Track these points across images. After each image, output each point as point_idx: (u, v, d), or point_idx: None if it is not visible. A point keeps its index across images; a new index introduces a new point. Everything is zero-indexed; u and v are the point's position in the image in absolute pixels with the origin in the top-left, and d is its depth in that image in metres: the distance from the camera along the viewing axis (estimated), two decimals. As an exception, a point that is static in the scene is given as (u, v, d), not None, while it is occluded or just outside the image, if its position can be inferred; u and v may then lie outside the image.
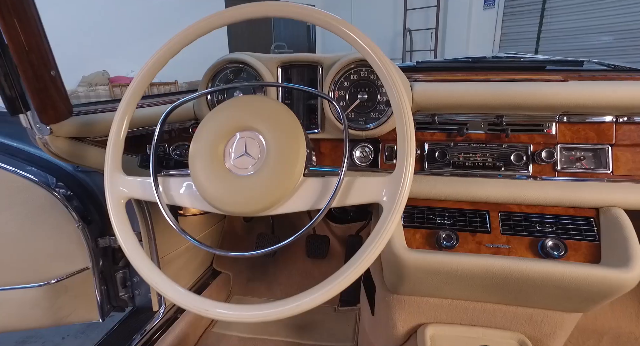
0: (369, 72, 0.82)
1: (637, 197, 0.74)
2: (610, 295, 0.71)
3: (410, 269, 0.75)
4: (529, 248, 0.76)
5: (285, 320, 1.30)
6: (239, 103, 0.61)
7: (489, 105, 0.78)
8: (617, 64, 0.98)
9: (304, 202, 0.58)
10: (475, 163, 0.82)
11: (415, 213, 0.82)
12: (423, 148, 0.84)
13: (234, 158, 0.59)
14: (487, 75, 0.85)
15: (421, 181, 0.82)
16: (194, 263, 1.32)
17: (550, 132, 0.80)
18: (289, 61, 0.87)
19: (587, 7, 4.76)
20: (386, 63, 0.55)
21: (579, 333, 1.17)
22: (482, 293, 0.80)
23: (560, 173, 0.79)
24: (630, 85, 0.73)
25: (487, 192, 0.79)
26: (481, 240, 0.78)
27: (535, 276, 0.71)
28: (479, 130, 0.82)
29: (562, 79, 0.79)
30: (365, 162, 0.88)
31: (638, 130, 0.76)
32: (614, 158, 0.78)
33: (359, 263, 0.52)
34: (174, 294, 0.56)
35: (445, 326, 0.87)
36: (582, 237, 0.75)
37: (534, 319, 0.84)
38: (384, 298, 0.91)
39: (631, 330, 1.17)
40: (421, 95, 0.80)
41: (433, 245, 0.78)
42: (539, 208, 0.79)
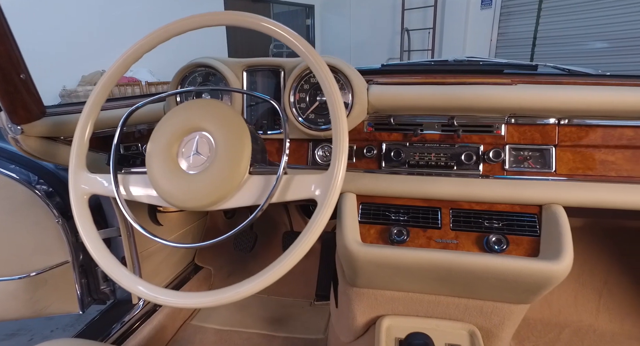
0: None
1: (575, 194, 0.78)
2: (546, 286, 0.75)
3: (362, 263, 0.80)
4: (476, 243, 0.80)
5: (262, 314, 1.35)
6: (193, 106, 0.66)
7: (441, 107, 0.82)
8: (572, 69, 1.01)
9: (248, 197, 0.63)
10: (429, 162, 0.86)
11: (372, 210, 0.87)
12: (380, 148, 0.88)
13: (186, 157, 0.64)
14: (445, 78, 0.89)
15: (378, 179, 0.86)
16: (174, 258, 1.38)
17: (499, 133, 0.84)
18: (253, 65, 0.91)
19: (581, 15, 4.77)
20: (324, 68, 0.59)
21: (543, 326, 1.21)
22: (433, 285, 0.85)
23: (508, 172, 0.83)
24: (571, 90, 0.77)
25: (440, 189, 0.83)
26: (431, 236, 0.82)
27: (477, 269, 0.75)
28: (433, 130, 0.86)
29: (511, 83, 0.83)
30: (327, 161, 0.92)
31: (577, 132, 0.80)
32: (557, 158, 0.82)
33: (292, 254, 0.56)
34: (130, 283, 0.61)
35: (402, 317, 0.92)
36: (524, 233, 0.79)
37: (484, 310, 0.88)
38: (345, 291, 0.96)
39: (591, 323, 1.21)
40: (376, 97, 0.84)
41: (386, 240, 0.83)
42: (488, 205, 0.83)
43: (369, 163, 0.89)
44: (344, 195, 0.87)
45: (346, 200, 0.86)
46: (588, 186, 0.78)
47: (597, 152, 0.80)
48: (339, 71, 0.84)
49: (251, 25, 0.60)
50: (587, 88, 0.78)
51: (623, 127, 0.79)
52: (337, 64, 0.83)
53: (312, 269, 1.49)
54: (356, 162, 0.90)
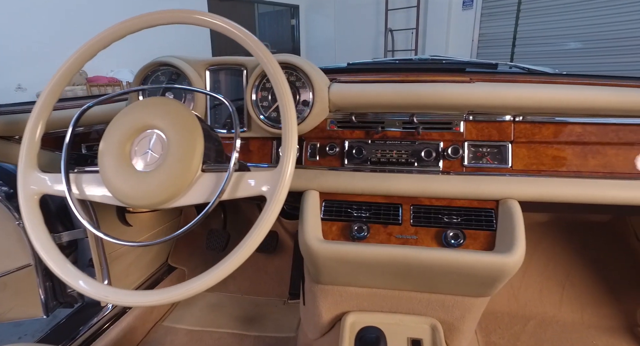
0: (289, 74, 0.87)
1: (529, 189, 0.80)
2: (500, 278, 0.77)
3: (323, 259, 0.81)
4: (435, 238, 0.81)
5: (234, 313, 1.34)
6: (146, 105, 0.66)
7: (401, 105, 0.84)
8: (531, 68, 1.04)
9: (200, 195, 0.63)
10: (390, 159, 0.88)
11: (334, 207, 0.87)
12: (343, 146, 0.89)
13: (139, 155, 0.63)
14: (407, 77, 0.91)
15: (340, 176, 0.87)
16: (146, 258, 1.36)
17: (458, 129, 0.85)
18: (216, 64, 0.91)
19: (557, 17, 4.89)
20: (275, 67, 0.60)
21: (509, 318, 1.24)
22: (395, 281, 0.86)
23: (467, 168, 0.85)
24: (524, 87, 0.79)
25: (401, 186, 0.84)
26: (392, 232, 0.83)
27: (435, 263, 0.77)
28: (394, 128, 0.88)
29: (470, 81, 0.85)
30: None
31: (531, 129, 0.83)
32: (513, 154, 0.84)
33: (241, 251, 0.57)
34: (71, 279, 0.60)
35: (366, 313, 0.93)
36: (482, 227, 0.81)
37: (446, 304, 0.90)
38: (310, 288, 0.97)
39: (554, 314, 1.24)
40: (337, 95, 0.85)
41: (347, 236, 0.84)
42: (447, 201, 0.84)
43: (332, 160, 0.90)
44: (307, 192, 0.88)
45: (309, 197, 0.87)
46: (541, 181, 0.80)
47: (549, 148, 0.83)
48: (300, 69, 0.84)
49: (200, 22, 0.60)
50: (539, 86, 0.80)
51: (573, 123, 0.81)
52: (298, 62, 0.84)
53: (286, 268, 1.49)
54: (320, 159, 0.90)
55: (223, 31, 0.60)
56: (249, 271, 1.51)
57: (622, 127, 0.79)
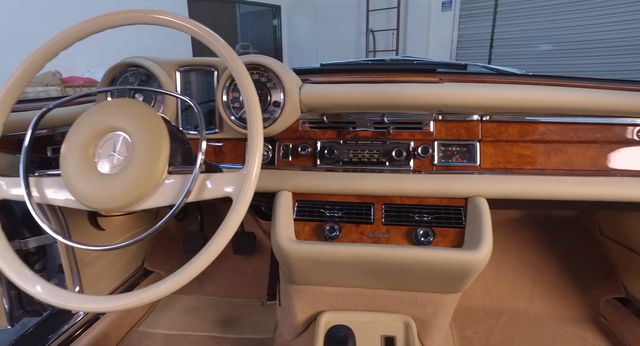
0: (260, 75, 0.87)
1: (496, 187, 0.82)
2: (469, 274, 0.79)
3: (295, 260, 0.81)
4: (406, 236, 0.83)
5: (212, 316, 1.33)
6: (109, 106, 0.64)
7: (372, 105, 0.85)
8: (500, 69, 1.07)
9: (166, 197, 0.62)
10: (362, 159, 0.88)
11: (307, 207, 0.88)
12: (315, 146, 0.90)
13: (103, 158, 0.62)
14: (379, 77, 0.92)
15: (312, 177, 0.87)
16: (121, 262, 1.33)
17: (428, 129, 0.87)
18: (186, 65, 0.90)
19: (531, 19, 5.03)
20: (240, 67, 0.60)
21: (483, 313, 1.27)
22: (368, 279, 0.87)
23: (437, 167, 0.86)
24: (491, 88, 0.81)
25: (373, 185, 0.85)
26: (364, 231, 0.84)
27: (405, 261, 0.78)
28: (366, 128, 0.88)
29: (439, 81, 0.86)
30: (264, 160, 0.92)
31: (498, 128, 0.85)
32: (481, 153, 0.86)
33: (207, 253, 0.56)
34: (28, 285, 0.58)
35: (341, 312, 0.94)
36: (451, 225, 0.83)
37: (419, 301, 0.91)
38: (285, 289, 0.97)
39: (526, 308, 1.28)
40: (308, 96, 0.85)
41: (320, 236, 0.84)
42: (418, 200, 0.86)
43: (305, 161, 0.90)
44: (280, 193, 0.88)
45: (281, 198, 0.87)
46: (507, 179, 0.83)
47: (515, 147, 0.85)
48: (270, 70, 0.84)
49: (161, 22, 0.59)
50: (505, 86, 0.82)
51: (536, 123, 0.84)
52: (268, 62, 0.84)
53: (265, 269, 1.49)
54: (292, 160, 0.90)
55: (186, 31, 0.60)
56: (228, 273, 1.50)
57: (581, 126, 0.82)
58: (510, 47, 5.38)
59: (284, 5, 7.49)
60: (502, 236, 1.43)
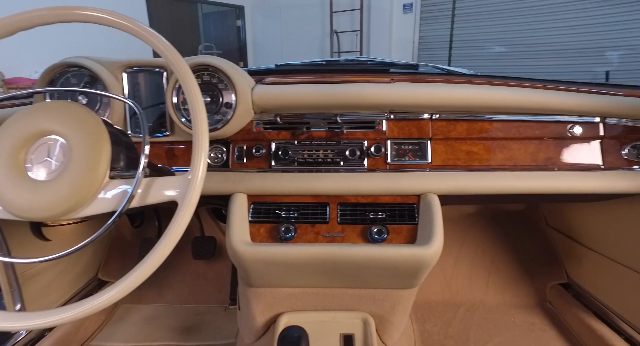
0: (211, 76, 0.85)
1: (447, 183, 0.85)
2: (422, 269, 0.81)
3: (250, 262, 0.80)
4: (361, 235, 0.84)
5: (172, 324, 1.29)
6: (43, 109, 0.61)
7: (324, 105, 0.85)
8: (450, 69, 1.11)
9: (108, 203, 0.59)
10: (316, 159, 0.89)
11: (263, 209, 0.87)
12: (270, 147, 0.89)
13: (37, 164, 0.58)
14: (333, 77, 0.92)
15: (267, 178, 0.87)
16: (71, 274, 1.27)
17: (381, 128, 0.88)
18: (133, 66, 0.87)
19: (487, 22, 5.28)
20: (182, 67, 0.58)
21: (443, 307, 1.31)
22: (326, 279, 0.87)
23: (390, 165, 0.88)
24: (439, 87, 0.84)
25: (328, 185, 0.86)
26: (319, 230, 0.84)
27: (360, 259, 0.79)
28: (319, 128, 0.89)
29: (390, 81, 0.88)
30: (218, 162, 0.91)
31: (447, 126, 0.88)
32: (432, 151, 0.88)
33: (151, 259, 0.54)
34: None
35: (300, 313, 0.94)
36: (405, 222, 0.85)
37: (376, 298, 0.93)
38: (244, 292, 0.96)
39: (482, 298, 1.34)
40: (261, 97, 0.85)
41: (275, 237, 0.84)
42: (373, 198, 0.87)
43: (260, 162, 0.89)
44: (234, 195, 0.87)
45: (236, 200, 0.86)
46: (456, 175, 0.86)
47: (463, 144, 0.88)
48: (220, 71, 0.83)
49: (90, 19, 0.56)
50: (452, 86, 0.85)
51: (482, 120, 0.87)
52: (218, 63, 0.82)
53: (227, 273, 1.46)
54: (247, 162, 0.89)
55: (124, 29, 0.57)
56: (188, 280, 1.46)
57: (522, 123, 0.87)
58: (468, 48, 5.61)
59: (248, 5, 7.40)
60: (459, 230, 1.49)
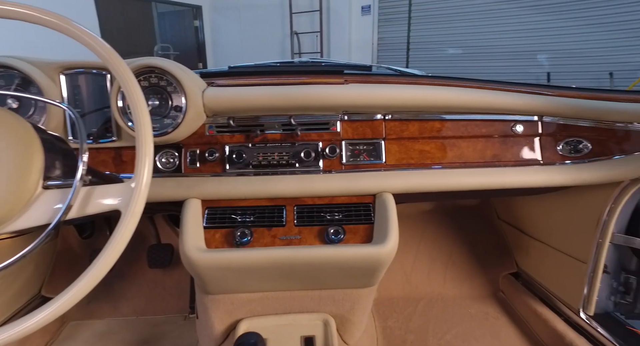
0: (159, 79, 0.82)
1: (401, 182, 0.87)
2: (379, 268, 0.82)
3: (205, 269, 0.78)
4: (318, 236, 0.84)
5: (127, 338, 1.23)
6: None
7: (278, 107, 0.84)
8: (403, 70, 1.13)
9: (40, 215, 0.55)
10: (272, 162, 0.88)
11: (218, 214, 0.85)
12: (224, 151, 0.87)
13: None
14: (287, 79, 0.92)
15: (221, 182, 0.85)
16: (9, 292, 1.17)
17: (335, 129, 0.89)
18: (72, 67, 0.82)
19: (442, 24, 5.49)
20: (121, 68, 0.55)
21: (403, 302, 1.34)
22: (284, 282, 0.87)
23: (346, 166, 0.89)
24: (390, 88, 0.86)
25: (284, 187, 0.85)
26: (276, 234, 0.84)
27: (316, 260, 0.79)
28: (274, 130, 0.88)
29: (344, 82, 0.89)
30: (170, 168, 0.88)
31: (400, 126, 0.90)
32: (386, 150, 0.90)
33: (93, 271, 0.51)
34: None
35: (260, 318, 0.92)
36: (361, 221, 0.86)
37: (336, 298, 0.93)
38: (201, 300, 0.93)
39: (440, 292, 1.39)
40: (212, 100, 0.82)
41: (231, 243, 0.82)
42: (329, 199, 0.88)
43: (214, 166, 0.87)
44: (188, 201, 0.84)
45: (189, 206, 0.83)
46: (410, 174, 0.88)
47: (416, 143, 0.91)
48: (168, 73, 0.80)
49: (27, 18, 0.52)
50: (404, 86, 0.87)
51: (433, 120, 0.90)
52: (165, 65, 0.79)
53: (186, 281, 1.41)
54: (201, 166, 0.87)
55: (55, 28, 0.54)
56: (145, 290, 1.39)
57: (470, 122, 0.91)
58: (425, 50, 5.80)
59: (206, 5, 7.23)
60: (418, 227, 1.53)
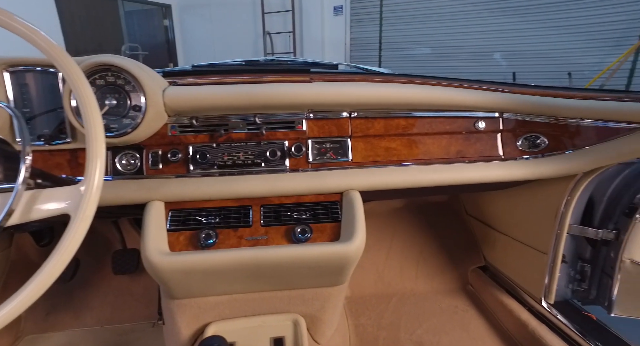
0: (116, 77, 0.79)
1: (368, 179, 0.87)
2: (347, 265, 0.82)
3: (168, 273, 0.75)
4: (285, 236, 0.83)
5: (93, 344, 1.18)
6: None
7: (242, 106, 0.83)
8: (370, 68, 1.14)
9: None
10: (237, 161, 0.86)
11: (182, 216, 0.83)
12: (187, 151, 0.85)
13: None
14: (252, 78, 0.90)
15: (185, 183, 0.82)
16: None
17: (301, 128, 0.88)
18: (18, 64, 0.77)
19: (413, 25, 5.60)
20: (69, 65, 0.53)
21: (376, 299, 1.35)
22: (252, 283, 0.85)
23: (312, 164, 0.88)
24: (356, 86, 0.86)
25: (250, 187, 0.83)
26: (243, 234, 0.82)
27: (283, 260, 0.78)
28: (239, 130, 0.87)
29: (309, 80, 0.88)
30: (131, 169, 0.84)
31: (365, 124, 0.90)
32: (352, 148, 0.90)
33: (37, 281, 0.48)
34: None
35: (228, 321, 0.90)
36: (328, 220, 0.85)
37: (306, 298, 0.93)
38: (167, 305, 0.90)
39: (412, 287, 1.41)
40: (173, 99, 0.80)
41: (196, 245, 0.80)
42: (296, 198, 0.87)
43: (177, 168, 0.85)
44: (150, 204, 0.81)
45: (151, 209, 0.80)
46: (376, 171, 0.88)
47: (382, 141, 0.91)
48: (125, 71, 0.77)
49: None
50: (369, 84, 0.87)
51: (398, 118, 0.91)
52: (122, 63, 0.76)
53: (155, 286, 1.37)
54: (163, 167, 0.84)
55: None
56: (110, 298, 1.34)
57: (434, 119, 0.92)
58: (396, 49, 5.89)
59: (175, 4, 7.07)
60: (390, 225, 1.55)
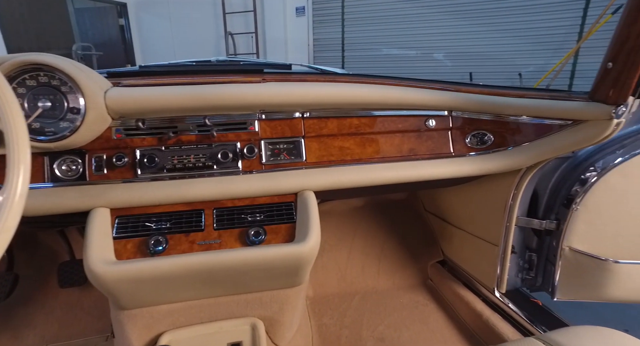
0: (50, 78, 0.74)
1: (321, 179, 0.87)
2: (303, 266, 0.82)
3: (115, 283, 0.72)
4: (238, 239, 0.81)
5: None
6: None
7: (190, 107, 0.80)
8: (324, 68, 1.14)
9: None
10: (187, 164, 0.84)
11: (129, 223, 0.79)
12: (134, 155, 0.81)
13: None
14: (202, 78, 0.88)
15: (132, 189, 0.79)
16: None
17: (253, 129, 0.87)
18: None
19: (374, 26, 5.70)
20: None
21: (339, 299, 1.36)
22: (206, 288, 0.83)
23: (266, 165, 0.87)
24: (308, 86, 0.86)
25: (201, 191, 0.81)
26: (195, 239, 0.80)
27: (236, 264, 0.76)
28: (189, 132, 0.84)
29: (261, 81, 0.87)
30: (73, 175, 0.80)
31: (318, 124, 0.91)
32: (306, 148, 0.90)
33: None
34: None
35: (183, 329, 0.88)
36: (283, 221, 0.85)
37: (264, 301, 0.91)
38: (116, 317, 0.86)
39: (374, 285, 1.43)
40: (116, 101, 0.76)
41: (145, 252, 0.77)
42: (250, 200, 0.86)
43: (124, 172, 0.81)
44: (93, 211, 0.77)
45: (95, 216, 0.76)
46: (330, 170, 0.89)
47: (335, 140, 0.92)
48: (60, 71, 0.72)
49: None
50: (320, 84, 0.88)
51: (351, 117, 0.92)
52: (55, 63, 0.72)
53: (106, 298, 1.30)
54: (108, 172, 0.80)
55: None
56: (57, 313, 1.26)
57: (386, 118, 0.94)
58: (359, 50, 5.98)
59: (131, 2, 6.79)
60: (351, 224, 1.56)
